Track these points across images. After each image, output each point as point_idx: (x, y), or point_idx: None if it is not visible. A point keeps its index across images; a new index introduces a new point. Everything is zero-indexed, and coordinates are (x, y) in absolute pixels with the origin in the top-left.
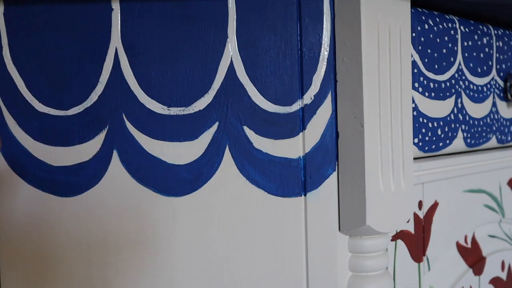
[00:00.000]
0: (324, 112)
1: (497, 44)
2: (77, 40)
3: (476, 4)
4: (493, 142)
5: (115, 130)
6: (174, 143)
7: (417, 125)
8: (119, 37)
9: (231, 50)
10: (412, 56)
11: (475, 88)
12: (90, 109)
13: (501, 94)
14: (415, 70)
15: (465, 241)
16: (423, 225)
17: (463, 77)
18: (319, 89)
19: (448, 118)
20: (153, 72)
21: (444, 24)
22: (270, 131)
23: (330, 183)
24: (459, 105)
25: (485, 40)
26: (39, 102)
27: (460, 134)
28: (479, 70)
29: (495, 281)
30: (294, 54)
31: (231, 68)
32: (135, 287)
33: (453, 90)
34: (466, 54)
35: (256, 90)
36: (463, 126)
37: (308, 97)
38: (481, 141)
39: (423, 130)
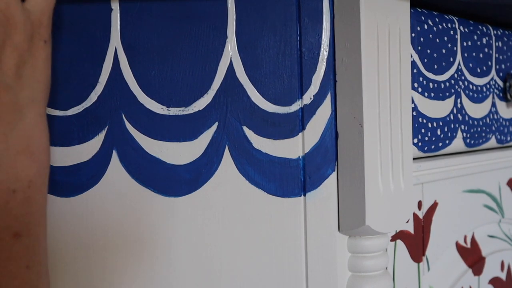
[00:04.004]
0: (324, 112)
1: (497, 44)
2: (76, 40)
3: (475, 4)
4: (492, 142)
5: (115, 130)
6: (174, 143)
7: (416, 125)
8: (119, 37)
9: (231, 50)
10: (411, 56)
11: (474, 88)
12: (90, 109)
13: (501, 94)
14: (415, 70)
15: (465, 241)
16: (423, 225)
17: (463, 77)
18: (318, 89)
19: (448, 118)
20: (152, 72)
21: (444, 24)
22: (270, 131)
23: (330, 183)
24: (459, 105)
25: (484, 40)
26: None
27: (459, 134)
28: (479, 70)
29: (494, 281)
30: (293, 54)
31: (230, 68)
32: (134, 287)
33: (452, 90)
34: (466, 54)
35: (256, 90)
36: (462, 126)
37: (307, 97)
38: (481, 141)
39: (423, 130)
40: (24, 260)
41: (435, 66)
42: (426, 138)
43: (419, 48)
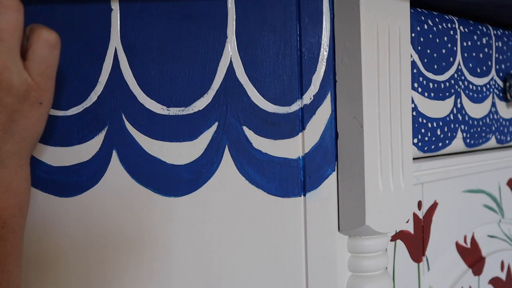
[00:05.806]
0: (324, 112)
1: (497, 44)
2: (76, 40)
3: (475, 4)
4: (492, 142)
5: (115, 130)
6: (174, 143)
7: (416, 125)
8: (119, 37)
9: (231, 50)
10: (411, 56)
11: (474, 88)
12: (90, 109)
13: (501, 94)
14: (415, 70)
15: (465, 241)
16: (423, 225)
17: (463, 77)
18: (318, 89)
19: (448, 118)
20: (152, 72)
21: (444, 24)
22: (270, 131)
23: (330, 183)
24: (459, 105)
25: (484, 40)
26: None
27: (459, 134)
28: (479, 70)
29: (494, 281)
30: (293, 54)
31: (230, 68)
32: (134, 287)
33: (452, 90)
34: (466, 54)
35: (256, 90)
36: (462, 126)
37: (307, 97)
38: (481, 141)
39: (423, 130)
40: None
41: (435, 66)
42: (426, 138)
43: (419, 48)
